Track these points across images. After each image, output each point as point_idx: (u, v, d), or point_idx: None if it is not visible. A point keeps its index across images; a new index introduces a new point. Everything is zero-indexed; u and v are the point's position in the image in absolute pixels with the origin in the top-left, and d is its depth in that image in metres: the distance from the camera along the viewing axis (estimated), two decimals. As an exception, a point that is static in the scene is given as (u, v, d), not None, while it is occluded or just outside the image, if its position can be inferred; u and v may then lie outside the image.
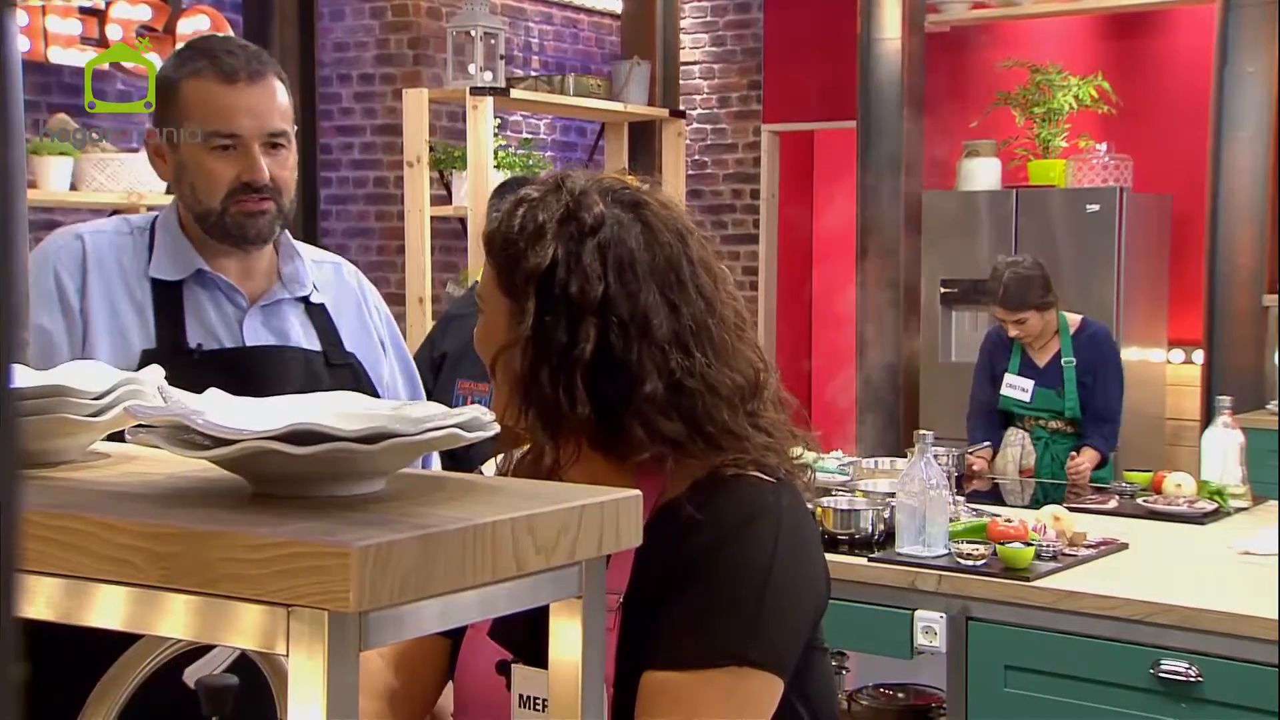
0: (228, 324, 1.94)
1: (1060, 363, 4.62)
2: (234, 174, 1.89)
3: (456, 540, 0.82)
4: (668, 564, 1.40)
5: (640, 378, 1.38)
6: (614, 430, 1.41)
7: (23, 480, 0.51)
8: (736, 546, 1.41)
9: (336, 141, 6.82)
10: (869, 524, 3.22)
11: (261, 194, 1.90)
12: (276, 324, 1.97)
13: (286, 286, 2.00)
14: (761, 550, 1.41)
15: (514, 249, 1.41)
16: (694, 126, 7.80)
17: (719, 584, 1.39)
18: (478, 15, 5.78)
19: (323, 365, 1.97)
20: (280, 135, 1.92)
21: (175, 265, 1.93)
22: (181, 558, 0.80)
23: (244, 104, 1.89)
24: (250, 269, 1.98)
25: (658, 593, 1.40)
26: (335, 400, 1.01)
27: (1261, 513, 3.72)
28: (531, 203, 1.43)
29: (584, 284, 1.38)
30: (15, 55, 1.54)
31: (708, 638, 1.37)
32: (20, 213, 0.56)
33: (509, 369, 1.41)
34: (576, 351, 1.37)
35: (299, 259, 2.02)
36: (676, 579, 1.39)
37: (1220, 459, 3.87)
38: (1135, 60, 6.55)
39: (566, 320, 1.38)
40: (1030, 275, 4.58)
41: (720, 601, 1.39)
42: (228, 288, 1.95)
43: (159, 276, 1.93)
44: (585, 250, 1.39)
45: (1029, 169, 6.33)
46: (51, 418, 1.00)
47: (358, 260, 6.78)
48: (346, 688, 0.77)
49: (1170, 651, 2.76)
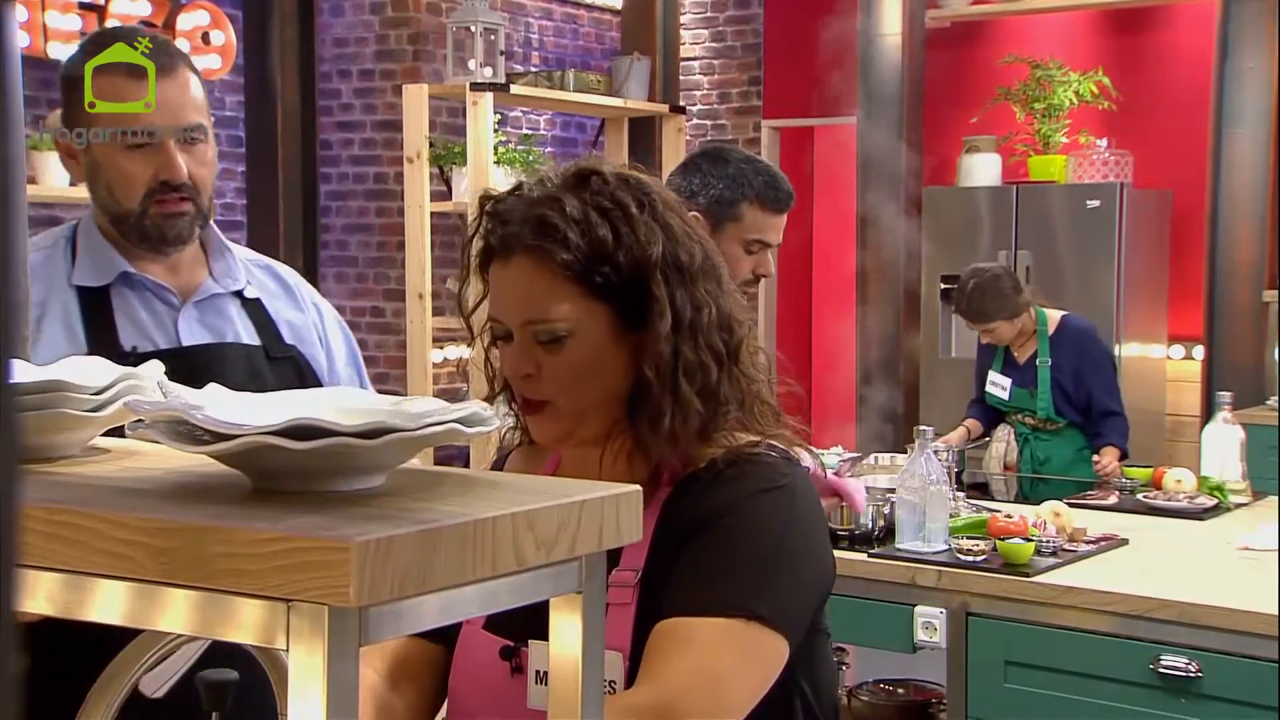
0: (161, 324, 1.87)
1: (1035, 362, 4.59)
2: (150, 173, 1.82)
3: (456, 535, 0.82)
4: (684, 524, 1.42)
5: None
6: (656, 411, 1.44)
7: (22, 475, 0.51)
8: (753, 510, 1.43)
9: (336, 137, 6.82)
10: (869, 520, 3.22)
11: (181, 193, 1.83)
12: (213, 320, 1.91)
13: (219, 282, 1.93)
14: (776, 518, 1.44)
15: (620, 253, 1.40)
16: (694, 122, 7.79)
17: (734, 542, 1.41)
18: (478, 11, 5.78)
19: (264, 359, 1.91)
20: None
21: (98, 270, 1.86)
22: (181, 553, 0.80)
23: (156, 99, 1.81)
24: (175, 267, 1.91)
25: (673, 559, 1.42)
26: (336, 395, 1.01)
27: (1261, 508, 3.72)
28: (584, 209, 1.41)
29: (686, 250, 1.43)
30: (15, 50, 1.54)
31: (721, 588, 1.39)
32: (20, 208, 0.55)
33: (627, 371, 1.43)
34: (704, 316, 1.43)
35: (230, 254, 1.96)
36: (691, 533, 1.41)
37: (1220, 455, 3.87)
38: (1136, 56, 6.55)
39: (683, 290, 1.43)
40: (992, 285, 4.47)
41: (734, 558, 1.41)
42: (156, 287, 1.88)
43: (82, 283, 1.85)
44: (669, 220, 1.44)
45: (1029, 165, 6.33)
46: (51, 413, 1.00)
47: (357, 256, 6.79)
48: (346, 683, 0.77)
49: (1170, 647, 2.76)
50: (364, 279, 6.71)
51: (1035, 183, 6.24)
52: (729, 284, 1.50)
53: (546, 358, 1.42)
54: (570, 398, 1.43)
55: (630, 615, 1.40)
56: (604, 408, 1.44)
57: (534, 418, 1.46)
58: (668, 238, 1.43)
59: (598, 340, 1.41)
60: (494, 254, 1.45)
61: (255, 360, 1.90)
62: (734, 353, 1.46)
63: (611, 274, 1.40)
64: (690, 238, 1.46)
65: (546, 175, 1.47)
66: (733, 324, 1.47)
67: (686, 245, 1.44)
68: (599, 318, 1.41)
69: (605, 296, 1.41)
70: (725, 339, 1.45)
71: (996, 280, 4.51)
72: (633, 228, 1.41)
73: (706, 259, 1.47)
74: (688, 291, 1.43)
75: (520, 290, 1.42)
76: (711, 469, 1.44)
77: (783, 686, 1.42)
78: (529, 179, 1.48)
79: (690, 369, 1.42)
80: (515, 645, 1.46)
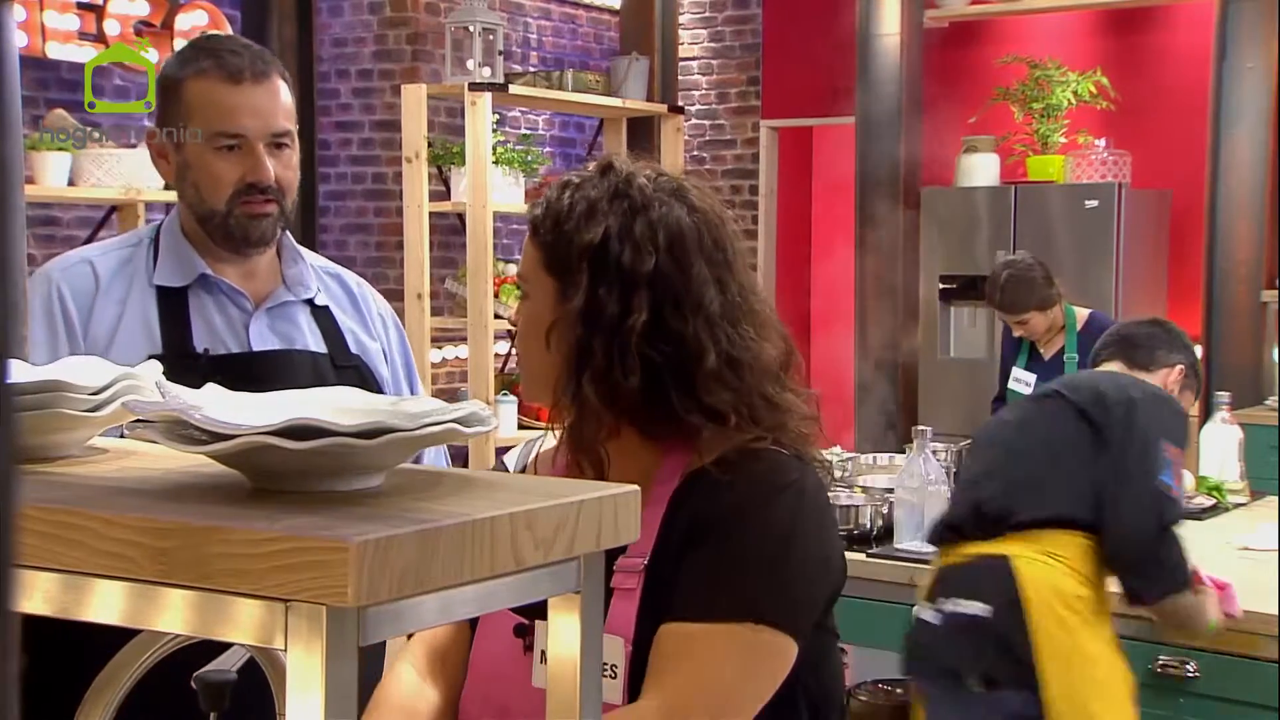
0: (233, 328, 1.92)
1: (1063, 359, 4.58)
2: (239, 174, 1.87)
3: (455, 535, 0.82)
4: (691, 524, 1.43)
5: (697, 352, 1.44)
6: (657, 403, 1.45)
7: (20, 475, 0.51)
8: (761, 510, 1.44)
9: (335, 137, 6.81)
10: (868, 519, 3.22)
11: (266, 195, 1.89)
12: (282, 327, 1.95)
13: (291, 289, 1.98)
14: (785, 516, 1.45)
15: (565, 226, 1.46)
16: (692, 122, 7.79)
17: (741, 543, 1.42)
18: (476, 11, 5.78)
19: (329, 367, 1.95)
20: (284, 135, 1.91)
21: (179, 271, 1.91)
22: (179, 553, 0.80)
23: (249, 104, 1.87)
24: (252, 272, 1.96)
25: (680, 553, 1.43)
26: (334, 395, 1.01)
27: (1260, 508, 3.72)
28: (580, 184, 1.48)
29: (636, 256, 1.43)
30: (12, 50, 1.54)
31: (726, 593, 1.40)
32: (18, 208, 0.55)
33: (561, 345, 1.45)
34: (630, 321, 1.42)
35: (302, 261, 2.01)
36: (699, 536, 1.42)
37: (1219, 455, 3.87)
38: (1134, 56, 6.55)
39: (619, 291, 1.43)
40: (1027, 276, 4.51)
41: (741, 560, 1.42)
42: (232, 291, 1.93)
43: (163, 283, 1.90)
44: (636, 225, 1.45)
45: (1028, 165, 6.33)
46: (49, 413, 1.00)
47: (356, 256, 6.79)
48: (345, 682, 0.77)
49: (1168, 647, 2.76)
50: (362, 279, 6.71)
51: (1034, 183, 6.24)
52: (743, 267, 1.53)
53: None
54: (523, 359, 1.53)
55: (635, 601, 1.42)
56: (548, 373, 1.49)
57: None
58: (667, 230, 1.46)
59: (542, 306, 1.49)
60: None
61: (321, 368, 1.94)
62: (751, 347, 1.48)
63: (558, 243, 1.46)
64: (721, 220, 1.50)
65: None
66: (753, 310, 1.49)
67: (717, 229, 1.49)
68: (546, 284, 1.48)
69: (550, 265, 1.48)
70: (746, 331, 1.47)
71: (1029, 270, 4.52)
72: (654, 212, 1.46)
73: (735, 250, 1.50)
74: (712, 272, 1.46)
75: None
76: (721, 464, 1.45)
77: (788, 686, 1.43)
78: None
79: (721, 355, 1.45)
80: (529, 622, 1.47)
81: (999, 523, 2.59)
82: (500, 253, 6.53)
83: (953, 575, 2.62)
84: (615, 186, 1.46)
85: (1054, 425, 2.64)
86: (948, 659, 2.56)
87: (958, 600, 2.56)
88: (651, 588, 1.43)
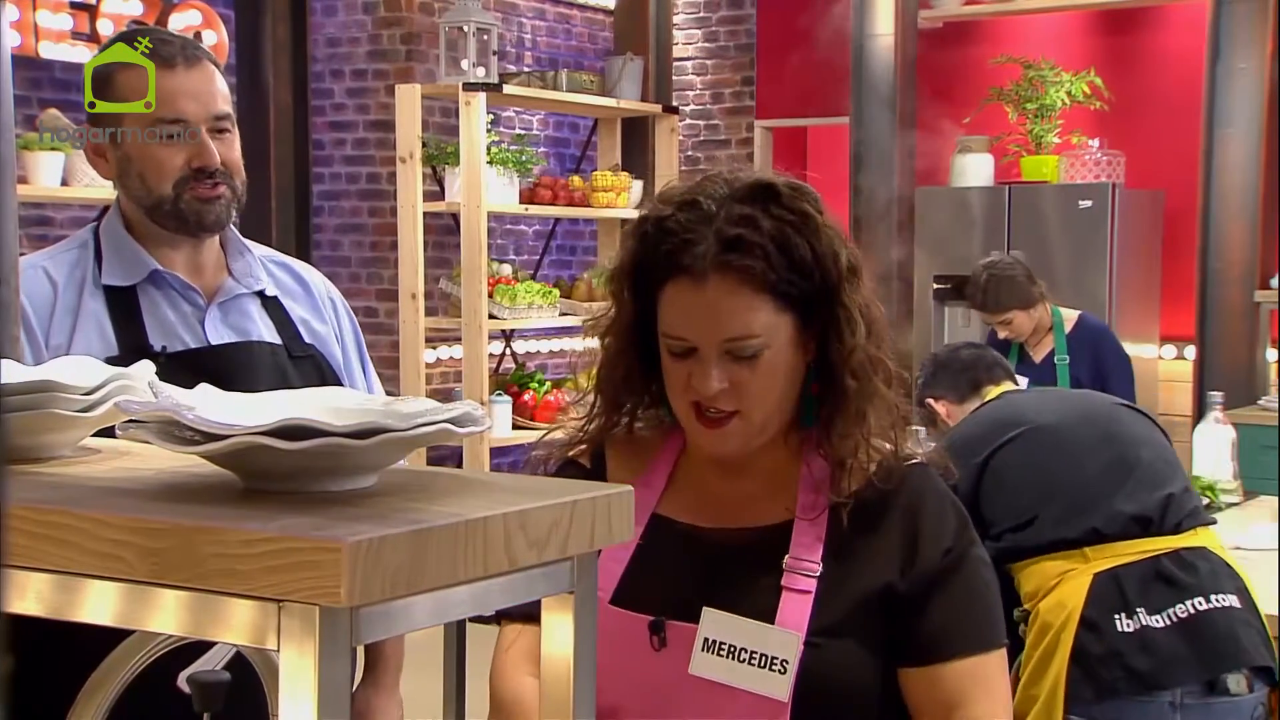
0: (188, 323, 1.88)
1: (1054, 361, 4.58)
2: (183, 160, 1.84)
3: (448, 535, 0.82)
4: (902, 553, 1.51)
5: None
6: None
7: (11, 475, 0.51)
8: (968, 538, 1.55)
9: (329, 137, 6.81)
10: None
11: (215, 179, 1.85)
12: (236, 320, 1.92)
13: (240, 281, 1.95)
14: (976, 540, 1.57)
15: (802, 262, 1.46)
16: (687, 122, 7.79)
17: (974, 576, 1.54)
18: (470, 11, 5.78)
19: (286, 358, 1.93)
20: (225, 118, 1.88)
21: (126, 270, 1.87)
22: (172, 553, 0.80)
23: (187, 88, 1.84)
24: (199, 265, 1.92)
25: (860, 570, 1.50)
26: (327, 395, 1.01)
27: (1253, 508, 3.73)
28: (775, 218, 1.46)
29: (855, 256, 1.50)
30: (5, 50, 1.53)
31: (988, 623, 1.53)
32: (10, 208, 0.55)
33: (795, 378, 1.50)
34: (854, 338, 1.49)
35: (249, 253, 1.98)
36: (933, 574, 1.51)
37: (1212, 455, 3.88)
38: (1127, 56, 6.56)
39: (863, 296, 1.51)
40: (1007, 275, 4.49)
41: (981, 592, 1.54)
42: (183, 286, 1.89)
43: (111, 283, 1.86)
44: (831, 227, 1.49)
45: (1021, 165, 6.34)
46: (41, 413, 1.00)
47: (350, 256, 6.78)
48: (337, 683, 0.77)
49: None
50: (357, 279, 6.70)
51: (1027, 183, 6.25)
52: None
53: (741, 372, 1.46)
54: (760, 408, 1.48)
55: (809, 602, 1.47)
56: (781, 414, 1.52)
57: (717, 431, 1.50)
58: (843, 243, 1.50)
59: (786, 350, 1.48)
60: (675, 273, 1.47)
61: (280, 359, 1.92)
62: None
63: (804, 284, 1.46)
64: (845, 241, 1.52)
65: (716, 191, 1.49)
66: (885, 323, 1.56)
67: (852, 249, 1.51)
68: (785, 328, 1.47)
69: (792, 306, 1.47)
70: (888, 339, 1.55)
71: (1010, 269, 4.52)
72: (820, 238, 1.47)
73: (859, 261, 1.53)
74: (864, 295, 1.51)
75: (717, 309, 1.45)
76: (887, 477, 1.52)
77: (898, 689, 1.52)
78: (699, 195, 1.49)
79: (880, 370, 1.51)
80: (660, 618, 1.50)
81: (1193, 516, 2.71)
82: (494, 253, 6.53)
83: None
84: (797, 206, 1.48)
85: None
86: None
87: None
88: (822, 595, 1.48)
